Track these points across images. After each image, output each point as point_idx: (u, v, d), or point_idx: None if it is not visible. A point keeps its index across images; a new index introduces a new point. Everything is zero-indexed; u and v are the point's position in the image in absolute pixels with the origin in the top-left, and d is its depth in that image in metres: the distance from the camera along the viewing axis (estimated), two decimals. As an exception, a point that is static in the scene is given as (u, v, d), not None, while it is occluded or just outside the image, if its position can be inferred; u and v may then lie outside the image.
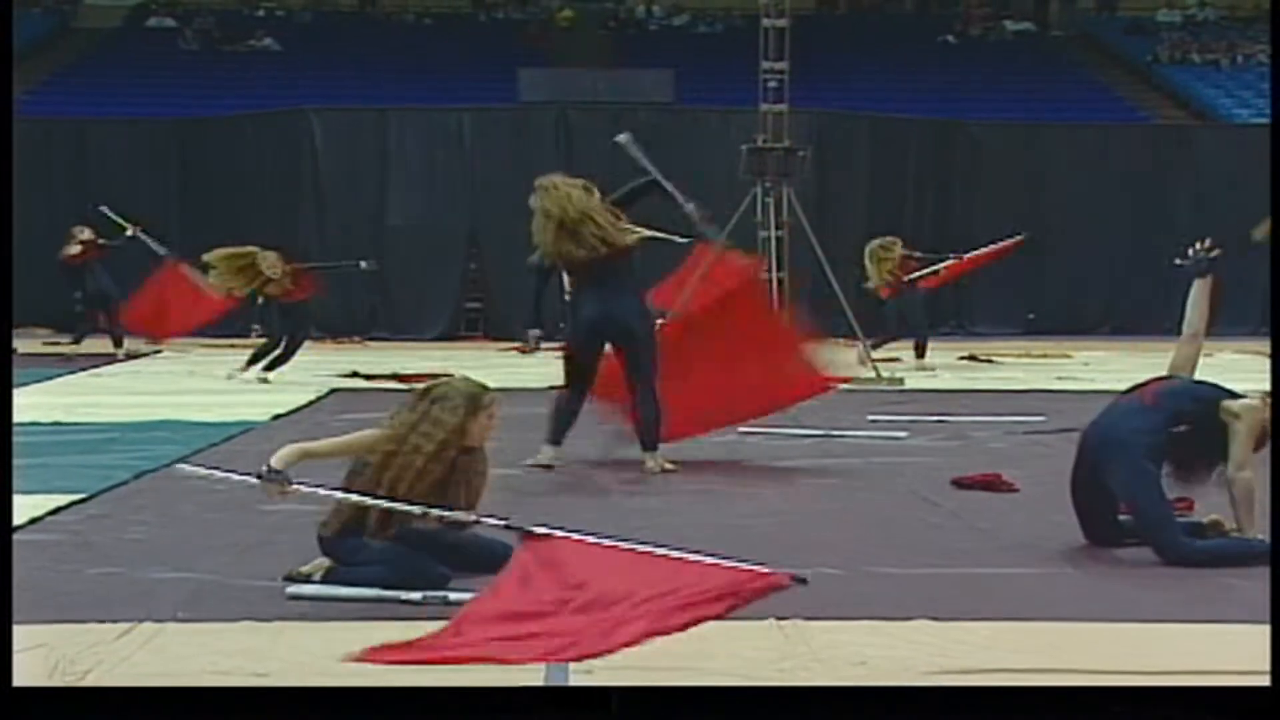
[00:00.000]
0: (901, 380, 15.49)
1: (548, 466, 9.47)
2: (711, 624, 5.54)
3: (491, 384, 6.68)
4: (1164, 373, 7.39)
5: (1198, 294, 7.47)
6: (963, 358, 19.09)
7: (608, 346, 9.62)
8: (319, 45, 32.57)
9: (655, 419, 9.44)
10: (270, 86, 28.64)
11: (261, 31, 33.38)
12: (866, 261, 17.57)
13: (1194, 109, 30.55)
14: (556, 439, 9.62)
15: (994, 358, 19.16)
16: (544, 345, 10.32)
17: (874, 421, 12.17)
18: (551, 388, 10.35)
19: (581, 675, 4.78)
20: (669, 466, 9.45)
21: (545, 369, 16.84)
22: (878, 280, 17.53)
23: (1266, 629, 5.53)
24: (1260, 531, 6.78)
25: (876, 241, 17.71)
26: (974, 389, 15.14)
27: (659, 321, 10.02)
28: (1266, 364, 12.67)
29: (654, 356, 9.48)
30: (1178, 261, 10.22)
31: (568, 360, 9.72)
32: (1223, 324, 19.61)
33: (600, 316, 9.41)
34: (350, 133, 24.14)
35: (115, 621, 5.44)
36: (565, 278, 10.06)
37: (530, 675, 4.97)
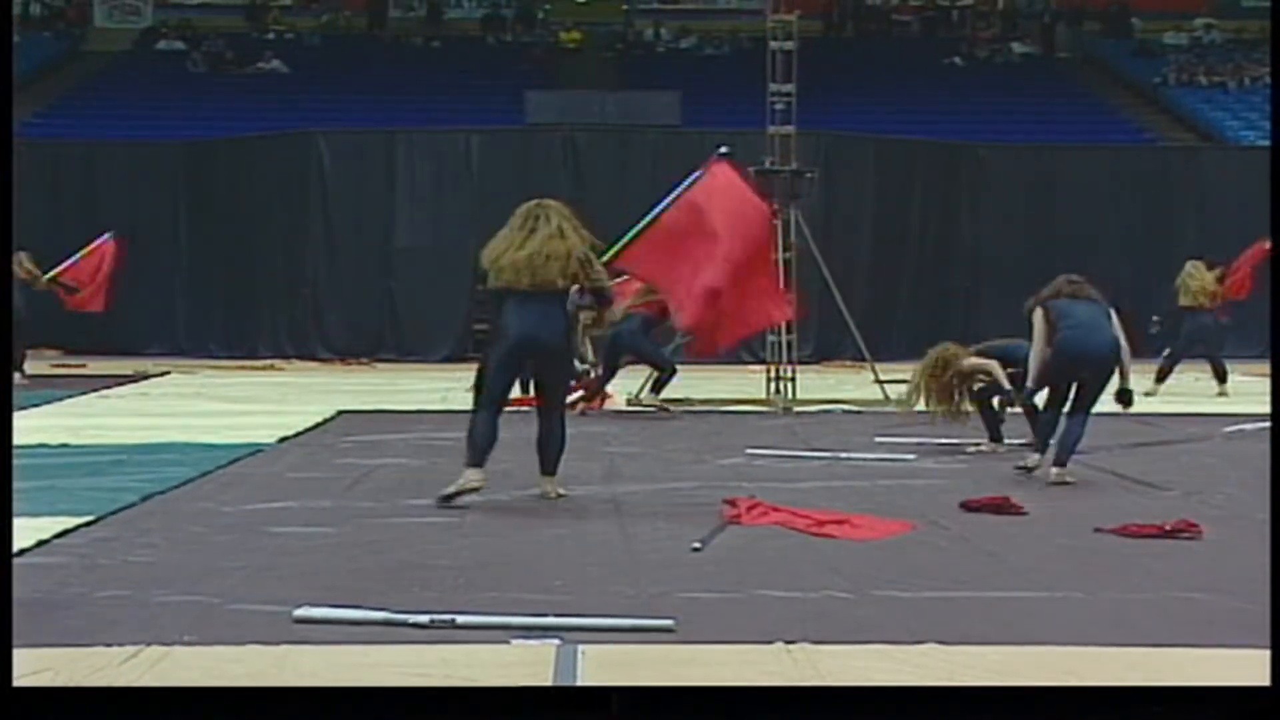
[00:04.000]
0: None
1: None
2: (720, 647, 5.54)
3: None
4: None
5: None
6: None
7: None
8: (328, 68, 32.67)
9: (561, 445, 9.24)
10: (279, 109, 28.70)
11: (270, 54, 33.47)
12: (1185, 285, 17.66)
13: (1200, 131, 30.57)
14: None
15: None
16: None
17: (881, 444, 12.15)
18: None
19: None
20: (563, 493, 9.20)
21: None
22: (1193, 300, 17.56)
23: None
24: None
25: (1189, 266, 17.89)
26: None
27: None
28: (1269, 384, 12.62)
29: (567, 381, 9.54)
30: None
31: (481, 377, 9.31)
32: (1230, 347, 19.69)
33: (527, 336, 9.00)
34: (358, 155, 24.15)
35: (121, 645, 5.40)
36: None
37: (539, 675, 4.98)
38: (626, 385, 15.53)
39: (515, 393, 9.90)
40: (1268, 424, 13.28)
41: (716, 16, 36.53)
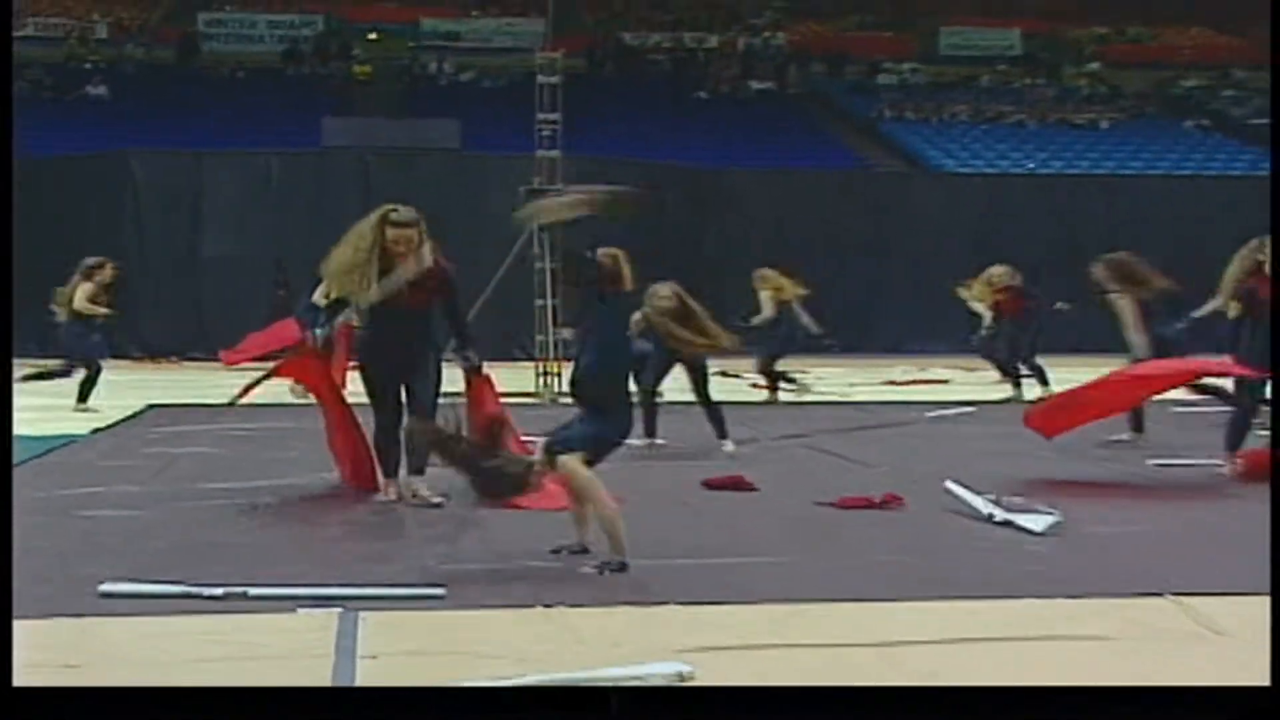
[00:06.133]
0: (660, 394, 15.49)
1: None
2: (485, 612, 5.49)
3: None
4: None
5: None
6: (716, 373, 19.15)
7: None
8: (144, 94, 31.86)
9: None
10: (98, 131, 27.87)
11: (98, 78, 32.63)
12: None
13: (908, 159, 31.29)
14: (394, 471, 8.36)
15: (742, 374, 19.27)
16: None
17: (636, 430, 12.13)
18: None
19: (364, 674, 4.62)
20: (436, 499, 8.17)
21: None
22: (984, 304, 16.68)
23: (973, 602, 5.63)
24: None
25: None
26: (723, 401, 15.18)
27: None
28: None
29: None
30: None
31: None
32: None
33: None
34: (169, 174, 23.65)
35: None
36: None
37: (323, 640, 4.84)
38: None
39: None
40: (966, 409, 13.64)
41: (493, 54, 36.38)
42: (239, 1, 38.75)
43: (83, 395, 14.07)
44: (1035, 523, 6.95)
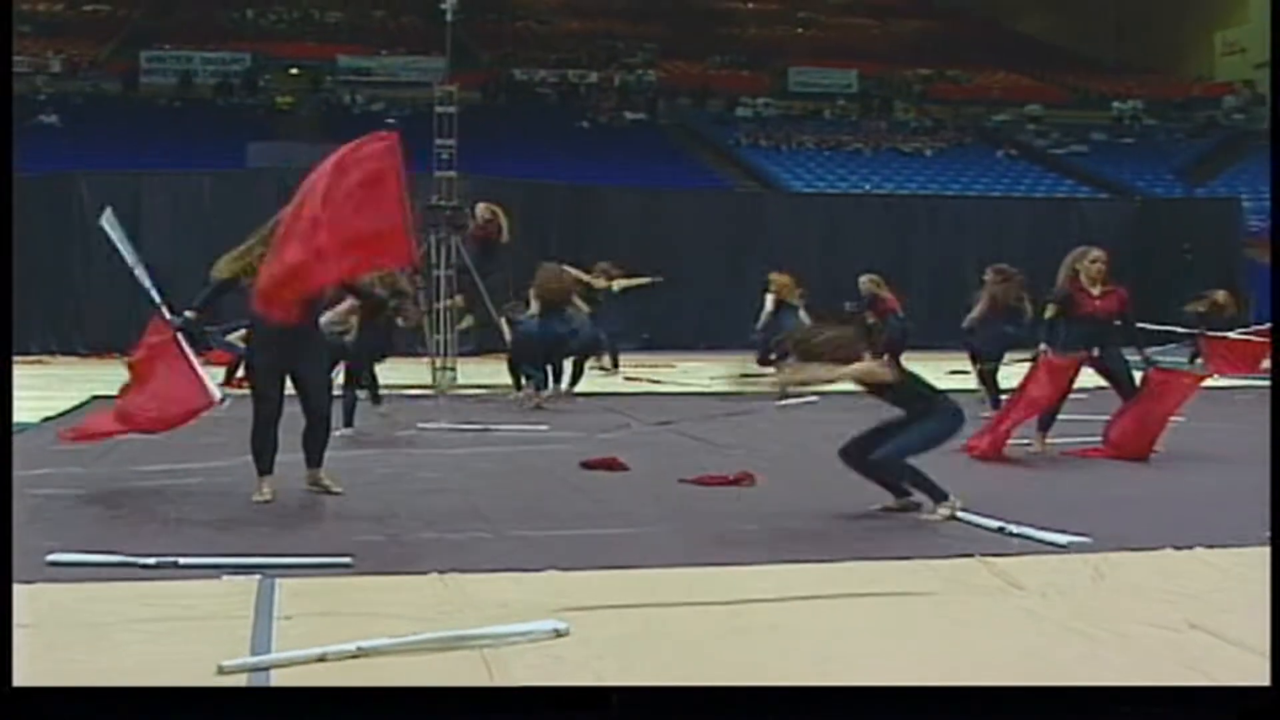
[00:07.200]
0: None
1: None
2: (387, 578, 5.46)
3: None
4: None
5: None
6: (593, 368, 19.20)
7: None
8: (91, 122, 31.25)
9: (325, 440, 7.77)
10: (49, 155, 27.24)
11: (50, 107, 31.98)
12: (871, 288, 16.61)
13: (762, 181, 31.54)
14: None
15: (616, 367, 19.34)
16: None
17: (522, 417, 12.12)
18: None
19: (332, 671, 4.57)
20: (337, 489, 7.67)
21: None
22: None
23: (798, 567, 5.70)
24: None
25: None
26: (601, 392, 15.24)
27: None
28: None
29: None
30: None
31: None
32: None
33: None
34: (111, 193, 23.12)
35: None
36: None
37: (244, 604, 4.79)
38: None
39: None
40: (811, 399, 13.70)
41: (399, 87, 36.15)
42: (177, 40, 38.19)
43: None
44: (1059, 537, 6.22)
